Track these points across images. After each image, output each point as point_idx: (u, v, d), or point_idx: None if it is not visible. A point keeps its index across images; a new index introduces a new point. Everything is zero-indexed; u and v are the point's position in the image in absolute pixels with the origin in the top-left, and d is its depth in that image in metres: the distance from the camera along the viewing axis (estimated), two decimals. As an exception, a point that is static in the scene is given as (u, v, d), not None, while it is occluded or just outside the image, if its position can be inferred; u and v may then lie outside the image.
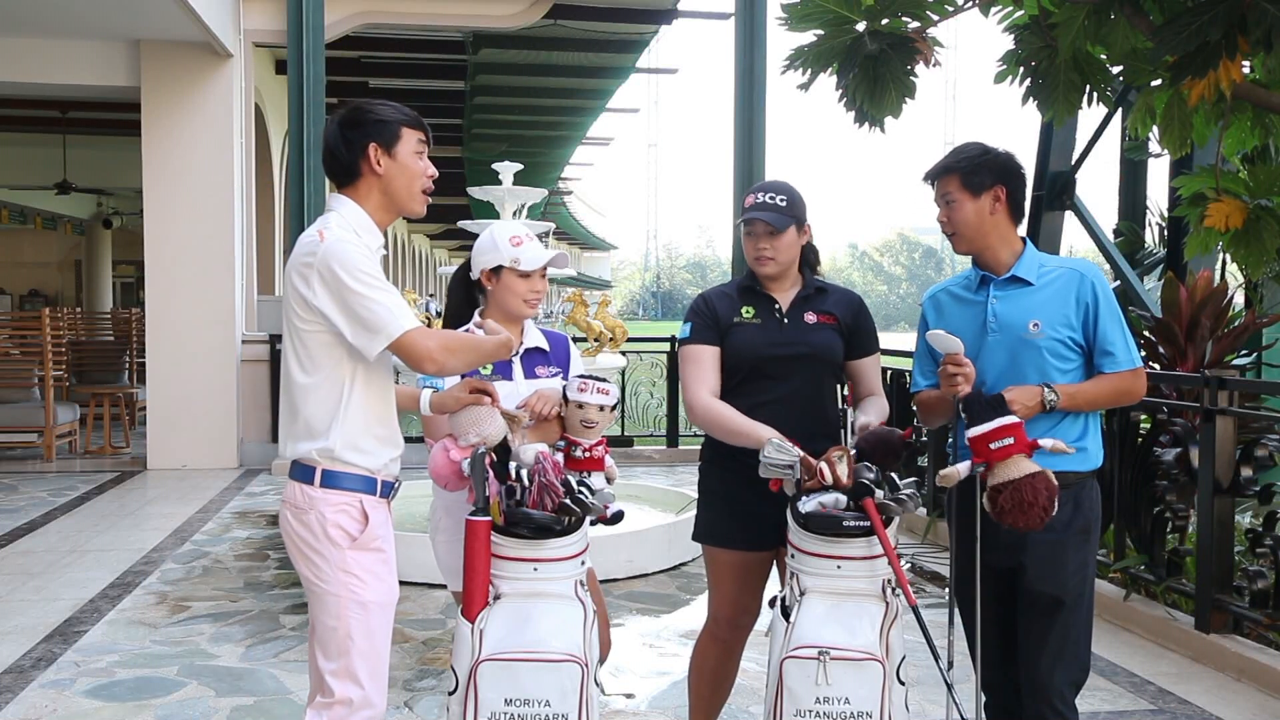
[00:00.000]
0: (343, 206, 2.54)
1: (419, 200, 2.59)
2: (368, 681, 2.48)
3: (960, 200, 2.75)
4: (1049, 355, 2.70)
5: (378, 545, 2.51)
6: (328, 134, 2.58)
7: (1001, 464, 2.57)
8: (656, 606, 5.23)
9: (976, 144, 2.81)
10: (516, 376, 2.98)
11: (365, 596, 2.47)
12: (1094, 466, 2.78)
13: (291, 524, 2.51)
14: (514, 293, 2.99)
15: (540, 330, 3.12)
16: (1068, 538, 2.72)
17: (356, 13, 9.96)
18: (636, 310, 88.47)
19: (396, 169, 2.54)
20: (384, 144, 2.53)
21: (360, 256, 2.41)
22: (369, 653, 2.48)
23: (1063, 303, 2.72)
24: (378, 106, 2.57)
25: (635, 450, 10.04)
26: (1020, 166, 2.80)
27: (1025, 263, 2.77)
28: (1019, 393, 2.65)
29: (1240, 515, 5.21)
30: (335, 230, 2.46)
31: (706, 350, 3.00)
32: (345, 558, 2.46)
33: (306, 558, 2.49)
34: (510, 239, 2.99)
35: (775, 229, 2.92)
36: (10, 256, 22.84)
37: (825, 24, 3.62)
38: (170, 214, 9.41)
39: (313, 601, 2.52)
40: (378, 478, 2.52)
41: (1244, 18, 2.94)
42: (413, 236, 34.84)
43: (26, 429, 9.79)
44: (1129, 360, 2.72)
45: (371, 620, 2.48)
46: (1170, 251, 8.29)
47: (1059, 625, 2.71)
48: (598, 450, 2.84)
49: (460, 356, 2.48)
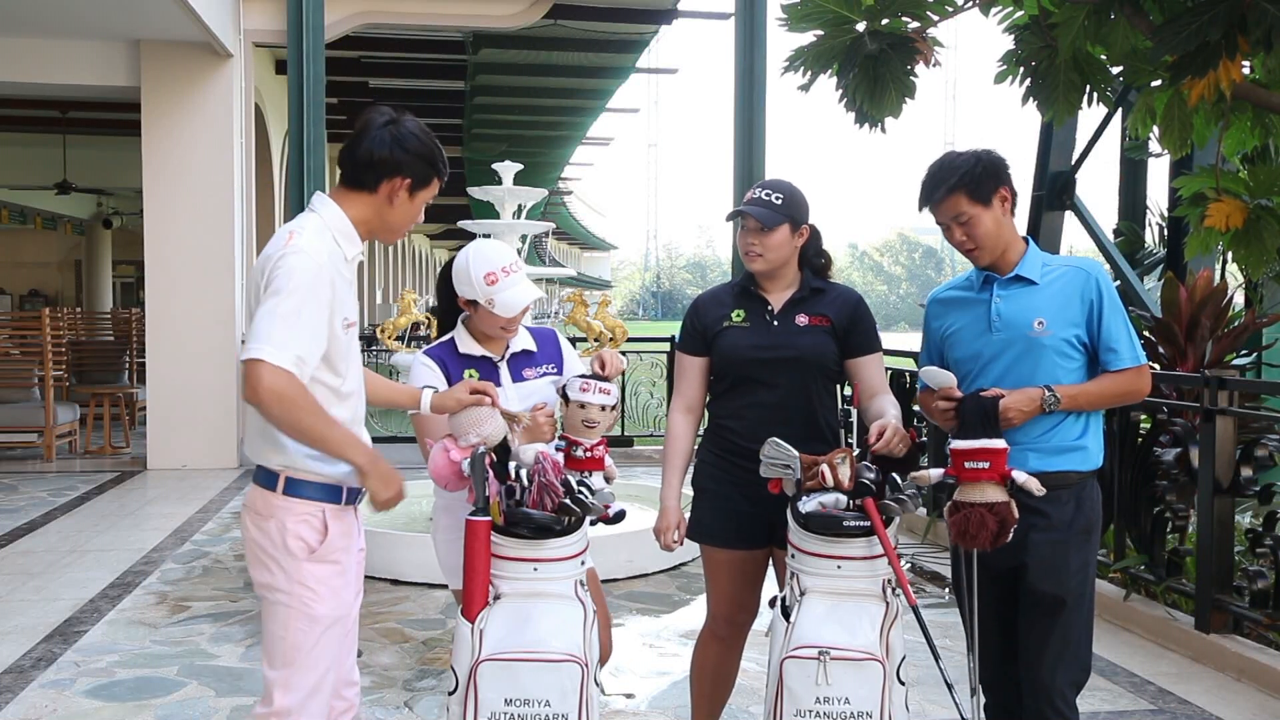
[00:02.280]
0: (326, 210, 2.46)
1: (398, 238, 2.60)
2: (307, 695, 2.44)
3: (975, 215, 2.70)
4: (1054, 354, 2.69)
5: (335, 558, 2.46)
6: (371, 134, 2.44)
7: (969, 484, 2.59)
8: (656, 606, 5.23)
9: (956, 155, 2.76)
10: (504, 381, 2.94)
11: (317, 610, 2.43)
12: (1095, 466, 2.77)
13: (251, 530, 2.47)
14: (490, 324, 2.92)
15: (527, 329, 3.07)
16: (1069, 538, 2.71)
17: (356, 13, 9.96)
18: (636, 310, 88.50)
19: (406, 209, 2.51)
20: (415, 184, 2.48)
21: (309, 273, 2.32)
22: (313, 666, 2.44)
23: (1067, 301, 2.70)
24: (425, 139, 2.48)
25: (635, 450, 10.05)
26: (1003, 158, 2.76)
27: (1029, 261, 2.75)
28: (1017, 398, 2.64)
29: (1240, 515, 5.21)
30: (306, 237, 2.38)
31: (689, 360, 3.09)
32: (301, 569, 2.42)
33: (263, 564, 2.45)
34: (486, 277, 2.84)
35: (764, 226, 2.91)
36: (10, 256, 22.85)
37: (825, 24, 3.63)
38: (170, 214, 9.41)
39: (264, 608, 2.48)
40: (342, 485, 2.47)
41: (1244, 18, 2.94)
42: (413, 236, 34.83)
43: (26, 429, 9.79)
44: (1133, 358, 2.70)
45: (320, 633, 2.44)
46: (1170, 251, 8.29)
47: (1060, 625, 2.71)
48: (598, 450, 2.83)
49: (290, 420, 2.28)
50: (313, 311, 2.31)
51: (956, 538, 2.61)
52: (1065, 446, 2.72)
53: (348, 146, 2.49)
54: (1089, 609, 2.77)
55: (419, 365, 2.94)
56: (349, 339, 2.47)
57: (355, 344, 2.54)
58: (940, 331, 2.88)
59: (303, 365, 2.29)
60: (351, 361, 2.52)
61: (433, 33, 12.16)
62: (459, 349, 2.97)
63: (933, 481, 2.69)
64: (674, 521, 3.03)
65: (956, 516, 2.60)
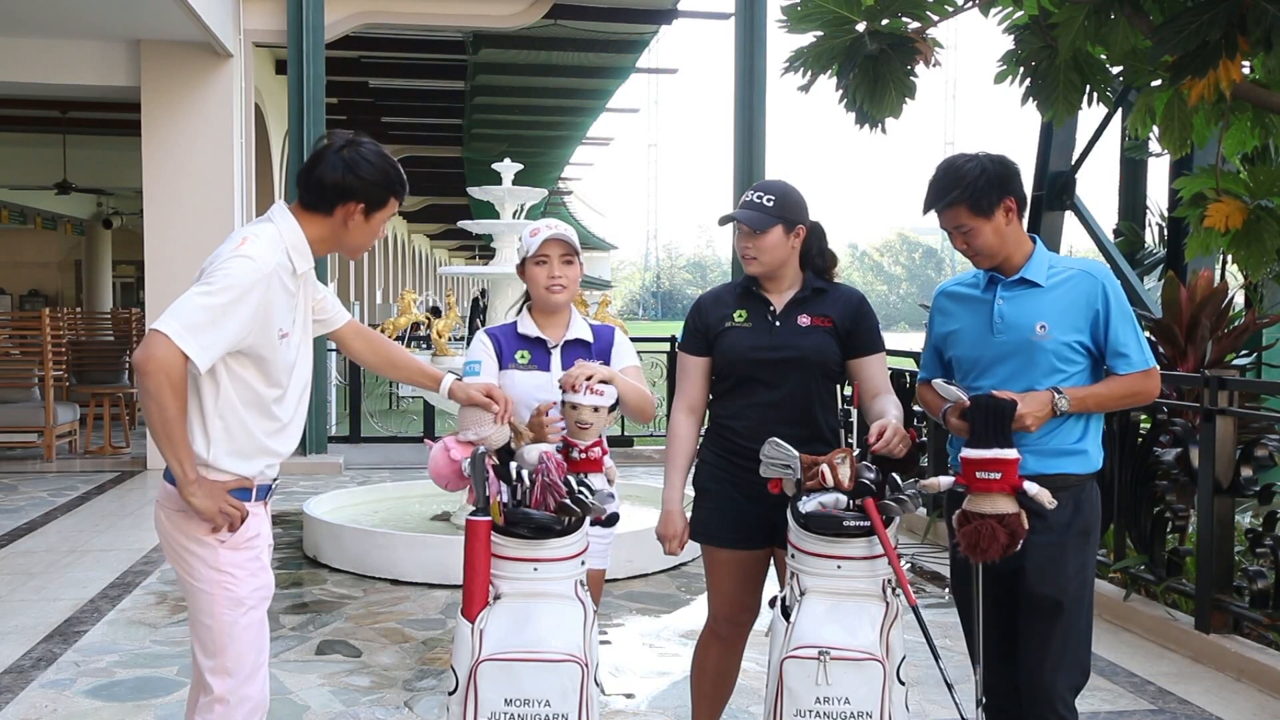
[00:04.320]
0: (285, 223, 2.50)
1: (360, 254, 2.65)
2: (245, 677, 2.51)
3: (976, 227, 2.69)
4: (1055, 358, 2.67)
5: (249, 545, 2.52)
6: (326, 161, 2.49)
7: (979, 495, 2.57)
8: (656, 606, 5.23)
9: (964, 162, 2.71)
10: (554, 368, 2.99)
11: (239, 592, 2.49)
12: (1094, 469, 2.76)
13: (164, 524, 2.54)
14: (535, 282, 3.03)
15: (589, 323, 3.13)
16: (1067, 540, 2.71)
17: (356, 13, 9.96)
18: (636, 310, 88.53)
19: (362, 230, 2.55)
20: (369, 207, 2.52)
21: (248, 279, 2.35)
22: (246, 648, 2.51)
23: (1071, 305, 2.68)
24: (379, 162, 2.51)
25: (635, 450, 10.05)
26: (1013, 165, 2.74)
27: (1034, 264, 2.73)
28: (1031, 404, 2.61)
29: (1240, 515, 5.21)
30: (259, 246, 2.41)
31: (691, 361, 3.09)
32: (218, 556, 2.48)
33: (180, 556, 2.52)
34: (529, 231, 3.04)
35: (754, 230, 2.91)
36: (10, 256, 22.86)
37: (825, 25, 3.63)
38: (170, 214, 9.41)
39: (188, 598, 2.55)
40: (252, 485, 2.52)
41: (1244, 18, 2.94)
42: (413, 236, 34.85)
43: (26, 429, 9.78)
44: (1143, 361, 2.68)
45: (247, 615, 2.51)
46: (1170, 251, 8.30)
47: (1059, 628, 2.71)
48: (594, 452, 2.82)
49: (158, 399, 2.30)
50: (236, 316, 2.35)
51: (966, 550, 2.59)
52: (1065, 449, 2.71)
53: (304, 169, 2.54)
54: (1088, 611, 2.77)
55: (476, 340, 3.09)
56: (286, 349, 2.50)
57: (301, 356, 2.58)
58: (943, 327, 2.88)
59: (202, 356, 2.32)
60: (296, 375, 2.56)
61: (433, 33, 12.16)
62: (518, 329, 3.07)
63: (943, 489, 2.68)
64: (678, 529, 3.04)
65: (967, 528, 2.57)
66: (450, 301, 7.59)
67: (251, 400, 2.47)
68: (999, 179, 2.68)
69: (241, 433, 2.47)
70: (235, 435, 2.47)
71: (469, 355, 3.05)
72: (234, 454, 2.47)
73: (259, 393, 2.48)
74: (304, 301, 2.59)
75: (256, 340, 2.41)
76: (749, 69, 9.62)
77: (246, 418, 2.47)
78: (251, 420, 2.48)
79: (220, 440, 2.45)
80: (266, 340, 2.43)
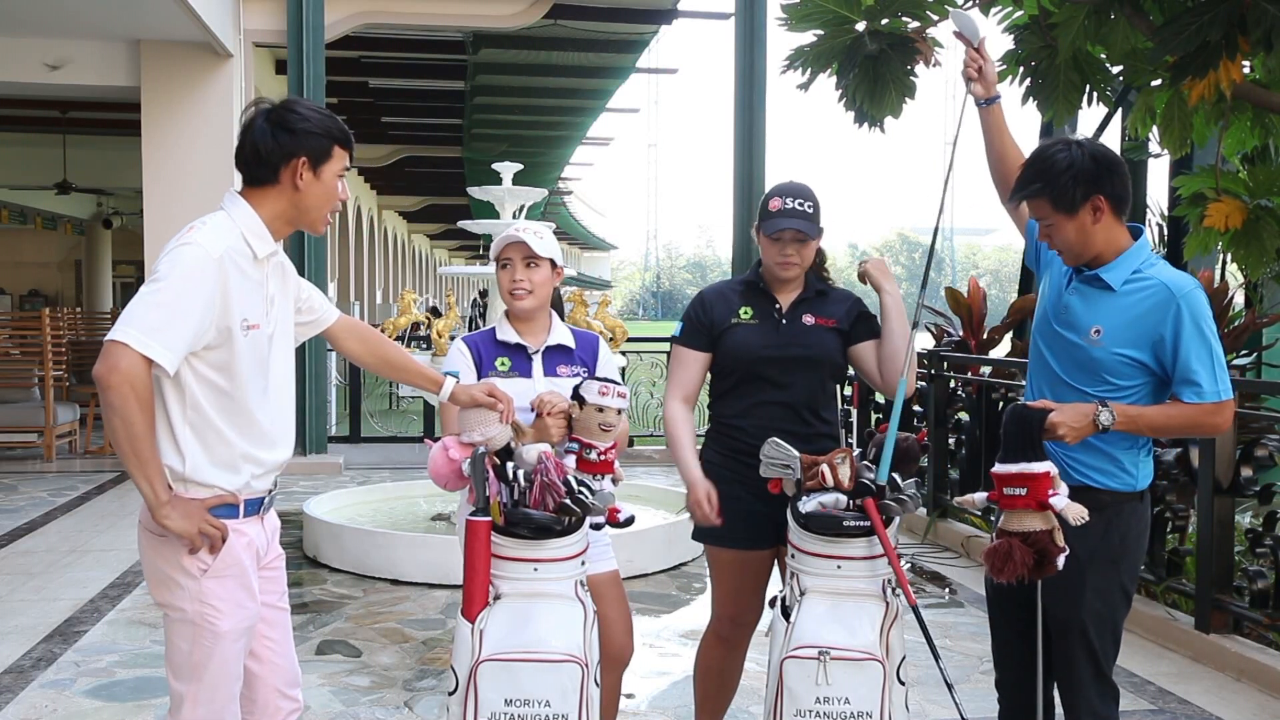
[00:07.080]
0: (236, 208, 2.38)
1: (324, 223, 2.46)
2: (221, 707, 2.39)
3: (1057, 222, 2.53)
4: (1104, 371, 2.51)
5: (233, 571, 2.35)
6: (254, 129, 2.37)
7: (1009, 512, 2.45)
8: (656, 606, 5.23)
9: (1056, 151, 2.53)
10: (535, 374, 2.95)
11: (221, 626, 2.34)
12: (1132, 488, 2.57)
13: (145, 549, 2.37)
14: (500, 288, 3.00)
15: (570, 329, 3.08)
16: (1088, 563, 2.54)
17: (356, 13, 9.96)
18: (636, 310, 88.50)
19: (317, 188, 2.40)
20: (314, 160, 2.37)
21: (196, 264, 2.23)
22: (221, 680, 2.37)
23: (1136, 318, 2.49)
24: (311, 114, 2.39)
25: (635, 450, 10.04)
26: (1109, 159, 2.51)
27: (1118, 265, 2.54)
28: (1068, 413, 2.45)
29: (1240, 515, 5.21)
30: (205, 231, 2.30)
31: (690, 355, 3.04)
32: (201, 588, 2.32)
33: (162, 584, 2.35)
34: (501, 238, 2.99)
35: (807, 236, 2.90)
36: (10, 256, 22.84)
37: (825, 24, 3.63)
38: (170, 214, 9.40)
39: (166, 622, 2.40)
40: (239, 500, 2.35)
41: (1244, 18, 2.95)
42: (413, 236, 34.86)
43: (26, 429, 9.79)
44: (1214, 393, 2.45)
45: (225, 648, 2.36)
46: (1170, 251, 8.29)
47: (1084, 650, 2.59)
48: (611, 453, 2.80)
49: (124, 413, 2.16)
50: (192, 307, 2.22)
51: (990, 570, 2.48)
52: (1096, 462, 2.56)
53: (238, 147, 2.42)
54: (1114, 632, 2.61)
55: (454, 349, 3.02)
56: (255, 342, 2.35)
57: (277, 351, 2.44)
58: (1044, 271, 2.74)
59: (167, 357, 2.18)
60: (274, 373, 2.42)
61: (433, 33, 12.16)
62: (497, 336, 3.00)
63: (978, 507, 2.60)
64: (704, 492, 2.91)
65: (989, 548, 2.47)
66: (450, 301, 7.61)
67: (222, 403, 2.31)
68: (1088, 175, 2.49)
69: (217, 441, 2.31)
70: (211, 444, 2.31)
71: (446, 364, 2.94)
72: (215, 465, 2.31)
73: (228, 393, 2.31)
74: (280, 294, 2.46)
75: (218, 332, 2.27)
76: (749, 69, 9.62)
77: (220, 423, 2.31)
78: (226, 425, 2.31)
79: (194, 451, 2.29)
80: (228, 332, 2.28)
